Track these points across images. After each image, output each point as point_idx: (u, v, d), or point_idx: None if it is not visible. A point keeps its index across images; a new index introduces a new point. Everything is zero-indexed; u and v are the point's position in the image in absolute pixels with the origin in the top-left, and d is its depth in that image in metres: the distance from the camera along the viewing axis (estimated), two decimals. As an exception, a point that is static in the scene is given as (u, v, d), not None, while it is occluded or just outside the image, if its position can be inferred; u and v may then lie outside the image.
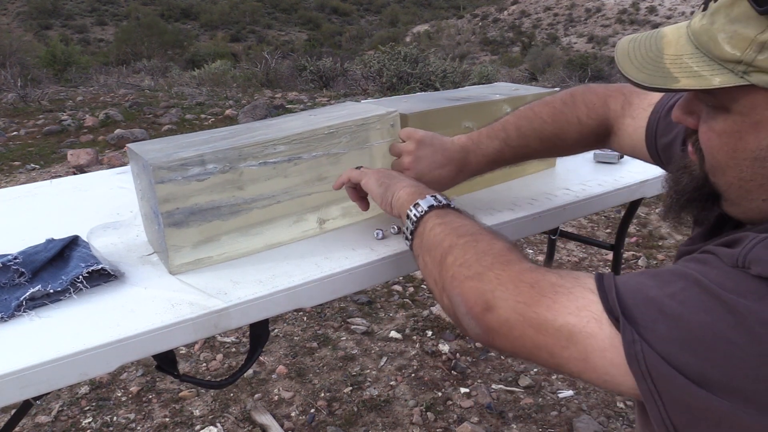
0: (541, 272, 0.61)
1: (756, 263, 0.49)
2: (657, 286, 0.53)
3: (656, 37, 0.61)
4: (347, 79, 11.74)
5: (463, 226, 0.72)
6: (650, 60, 0.59)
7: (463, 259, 0.67)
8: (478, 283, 0.63)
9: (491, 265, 0.64)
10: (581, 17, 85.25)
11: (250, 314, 0.82)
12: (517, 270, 0.63)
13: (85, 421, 2.01)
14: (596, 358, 0.55)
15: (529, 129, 0.96)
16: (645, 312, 0.52)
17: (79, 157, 5.20)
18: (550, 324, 0.57)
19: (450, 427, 1.98)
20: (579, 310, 0.56)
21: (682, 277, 0.53)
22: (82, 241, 0.92)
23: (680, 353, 0.49)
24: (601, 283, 0.57)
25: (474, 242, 0.68)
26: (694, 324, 0.49)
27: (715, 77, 0.53)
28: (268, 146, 0.91)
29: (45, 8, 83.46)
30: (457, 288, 0.65)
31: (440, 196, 0.79)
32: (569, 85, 11.70)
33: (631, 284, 0.55)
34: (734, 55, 0.52)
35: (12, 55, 12.41)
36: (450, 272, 0.67)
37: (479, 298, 0.62)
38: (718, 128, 0.57)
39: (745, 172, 0.56)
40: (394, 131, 1.05)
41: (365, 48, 45.68)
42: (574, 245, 3.30)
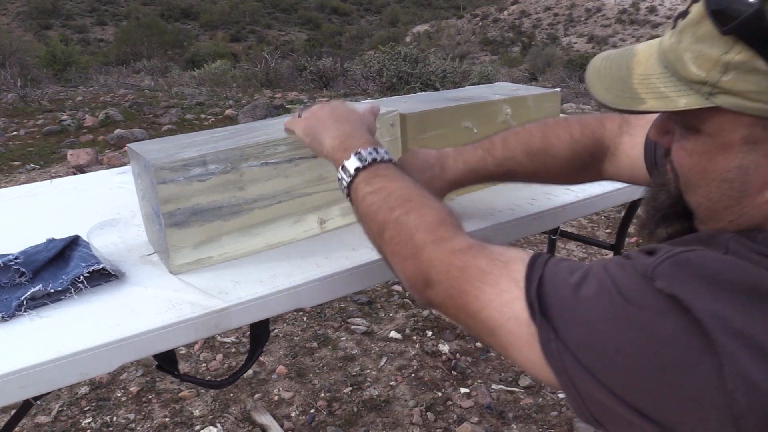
0: (472, 254, 0.61)
1: (661, 278, 0.49)
2: (574, 287, 0.54)
3: (628, 56, 0.61)
4: (347, 79, 11.74)
5: (392, 194, 0.70)
6: (619, 80, 0.59)
7: (399, 237, 0.67)
8: (414, 263, 0.65)
9: (424, 243, 0.65)
10: (581, 17, 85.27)
11: (250, 314, 0.82)
12: (448, 250, 0.63)
13: (85, 421, 2.01)
14: (515, 353, 0.57)
15: (516, 142, 0.92)
16: (561, 312, 0.53)
17: (79, 157, 5.20)
18: (477, 314, 0.59)
19: (450, 427, 1.98)
20: (502, 306, 0.57)
21: (598, 281, 0.53)
22: (82, 241, 0.92)
23: (589, 357, 0.51)
24: (529, 276, 0.57)
25: (405, 215, 0.67)
26: (599, 332, 0.50)
27: (681, 99, 0.53)
28: (269, 147, 0.91)
29: (45, 8, 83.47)
30: (398, 265, 0.68)
31: (364, 151, 0.75)
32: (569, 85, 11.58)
33: (556, 280, 0.55)
34: (700, 76, 0.51)
35: (12, 55, 12.41)
36: (389, 248, 0.69)
37: (418, 277, 0.65)
38: (689, 148, 0.57)
39: (714, 192, 0.56)
40: (394, 130, 1.05)
41: (365, 48, 45.69)
42: (574, 245, 3.30)
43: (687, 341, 0.47)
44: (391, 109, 1.04)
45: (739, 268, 0.49)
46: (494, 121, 1.18)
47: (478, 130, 1.16)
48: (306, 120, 0.88)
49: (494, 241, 1.04)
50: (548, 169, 0.92)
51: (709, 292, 0.48)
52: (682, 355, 0.47)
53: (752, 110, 0.49)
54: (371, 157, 0.75)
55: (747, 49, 0.48)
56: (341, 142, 0.79)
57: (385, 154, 0.76)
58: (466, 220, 1.03)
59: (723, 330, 0.46)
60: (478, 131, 1.16)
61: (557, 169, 0.92)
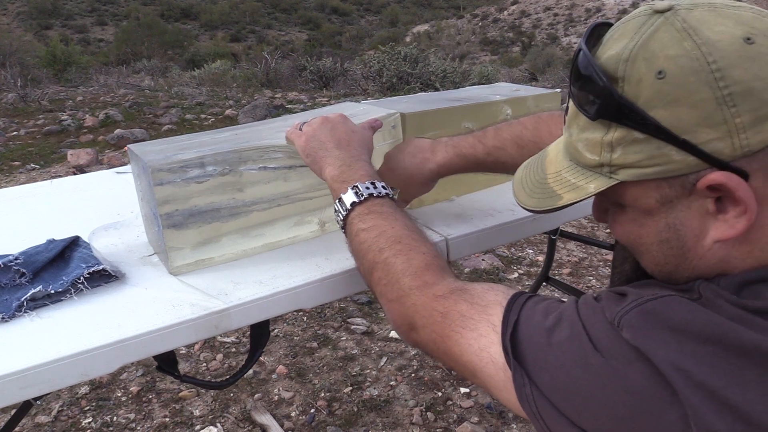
0: (453, 299, 0.63)
1: (627, 328, 0.50)
2: (548, 331, 0.55)
3: (541, 158, 0.64)
4: (347, 79, 11.73)
5: (383, 234, 0.72)
6: (537, 183, 0.62)
7: (386, 279, 0.69)
8: (400, 307, 0.67)
9: (408, 289, 0.67)
10: (581, 17, 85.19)
11: (250, 315, 0.82)
12: (431, 296, 0.65)
13: (85, 421, 2.01)
14: (495, 393, 0.59)
15: (508, 132, 0.92)
16: (535, 357, 0.54)
17: (79, 157, 5.20)
18: (458, 358, 0.61)
19: (450, 427, 1.99)
20: (480, 350, 0.59)
21: (570, 326, 0.54)
22: (82, 242, 0.92)
23: (561, 401, 0.52)
24: (505, 320, 0.58)
25: (394, 257, 0.69)
26: (571, 378, 0.51)
27: (590, 184, 0.55)
28: (267, 151, 0.91)
29: (45, 8, 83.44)
30: (385, 306, 0.70)
31: (362, 185, 0.76)
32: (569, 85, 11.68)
33: (530, 324, 0.57)
34: (595, 160, 0.54)
35: (12, 55, 12.40)
36: (378, 289, 0.71)
37: (403, 321, 0.67)
38: (621, 220, 0.59)
39: (657, 256, 0.57)
40: (395, 133, 1.05)
41: (365, 48, 45.67)
42: (574, 245, 3.30)
43: (652, 392, 0.47)
44: (392, 112, 1.04)
45: (705, 318, 0.49)
46: (495, 122, 1.18)
47: (477, 130, 1.16)
48: (306, 138, 0.86)
49: (494, 241, 1.05)
50: None
51: (674, 342, 0.48)
52: (649, 404, 0.47)
53: (651, 175, 0.51)
54: (368, 192, 0.76)
55: (619, 126, 0.51)
56: (340, 173, 0.80)
57: (383, 189, 0.77)
58: (466, 221, 1.04)
59: (686, 382, 0.46)
60: (477, 132, 1.16)
61: None
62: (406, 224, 0.74)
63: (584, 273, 3.01)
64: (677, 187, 0.51)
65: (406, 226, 0.73)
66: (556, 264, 3.03)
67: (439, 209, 1.07)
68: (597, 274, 3.00)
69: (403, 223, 0.74)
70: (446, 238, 0.98)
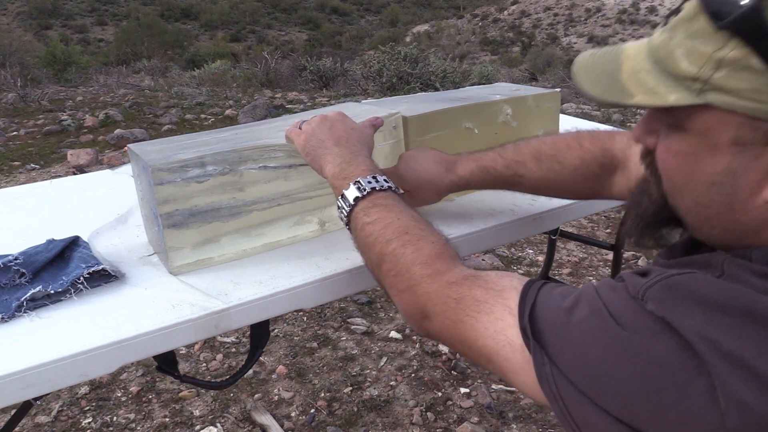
0: (467, 285, 0.63)
1: (651, 300, 0.49)
2: (566, 311, 0.54)
3: (616, 52, 0.60)
4: (347, 79, 11.73)
5: (390, 225, 0.71)
6: (607, 74, 0.58)
7: (396, 270, 0.69)
8: (411, 296, 0.67)
9: (420, 277, 0.66)
10: (581, 17, 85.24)
11: (250, 315, 0.82)
12: (444, 283, 0.64)
13: (85, 421, 2.01)
14: (512, 378, 0.58)
15: (527, 146, 0.94)
16: (554, 337, 0.54)
17: (79, 157, 5.20)
18: (473, 343, 0.60)
19: (450, 427, 1.98)
20: (497, 333, 0.58)
21: (589, 304, 0.53)
22: (82, 242, 0.92)
23: (583, 380, 0.51)
24: (522, 303, 0.57)
25: (402, 248, 0.69)
26: (592, 355, 0.50)
27: (670, 94, 0.51)
28: (267, 150, 0.91)
29: (45, 8, 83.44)
30: (396, 297, 0.69)
31: (363, 180, 0.76)
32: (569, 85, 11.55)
33: (548, 305, 0.56)
34: (691, 72, 0.50)
35: (12, 55, 12.40)
36: (387, 281, 0.71)
37: (415, 310, 0.67)
38: (675, 149, 0.55)
39: (702, 197, 0.54)
40: (396, 133, 1.05)
41: (365, 48, 45.68)
42: (574, 245, 3.30)
43: (679, 363, 0.47)
44: (393, 112, 1.04)
45: (731, 291, 0.48)
46: (495, 122, 1.18)
47: (479, 131, 1.16)
48: (305, 137, 0.86)
49: (494, 241, 1.05)
50: (555, 176, 0.92)
51: (701, 314, 0.47)
52: (674, 376, 0.47)
53: (743, 109, 0.48)
54: (370, 186, 0.75)
55: (742, 46, 0.47)
56: (341, 170, 0.79)
57: (385, 182, 0.76)
58: (466, 221, 1.04)
59: (713, 352, 0.45)
60: (479, 132, 1.16)
61: (564, 177, 0.91)
62: (413, 215, 0.73)
63: (584, 273, 3.01)
64: (760, 133, 0.48)
65: (412, 218, 0.72)
66: (556, 264, 3.03)
67: (439, 209, 1.07)
68: (597, 274, 2.99)
69: (410, 215, 0.73)
70: (446, 238, 0.98)
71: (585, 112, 7.72)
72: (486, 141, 1.18)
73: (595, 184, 0.91)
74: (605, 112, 7.80)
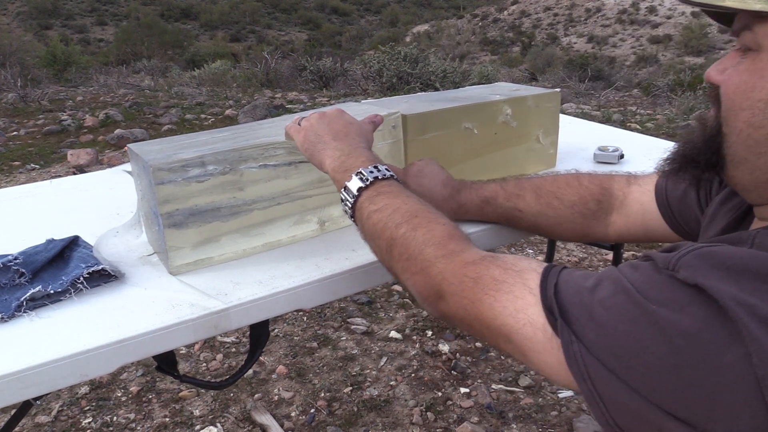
0: (485, 264, 0.62)
1: (684, 268, 0.49)
2: (590, 290, 0.53)
3: None
4: (347, 79, 11.73)
5: (397, 210, 0.70)
6: None
7: (408, 253, 0.67)
8: (425, 278, 0.66)
9: (434, 258, 0.65)
10: (581, 17, 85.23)
11: (250, 315, 0.82)
12: (460, 263, 0.63)
13: (85, 421, 2.01)
14: (533, 358, 0.57)
15: (527, 182, 0.96)
16: (579, 316, 0.53)
17: (79, 157, 5.20)
18: (491, 322, 0.59)
19: (450, 427, 1.98)
20: (517, 312, 0.57)
21: (613, 282, 0.53)
22: (82, 242, 0.92)
23: (610, 359, 0.50)
24: (544, 283, 0.57)
25: (413, 231, 0.68)
26: (618, 333, 0.50)
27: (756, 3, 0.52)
28: (268, 149, 0.91)
29: (45, 8, 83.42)
30: (409, 281, 0.68)
31: (365, 170, 0.75)
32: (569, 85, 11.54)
33: (571, 285, 0.55)
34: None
35: (12, 55, 12.39)
36: (399, 265, 0.69)
37: (430, 290, 0.65)
38: (742, 68, 0.56)
39: (757, 116, 0.54)
40: (396, 132, 1.05)
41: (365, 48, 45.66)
42: (574, 245, 3.30)
43: (711, 332, 0.45)
44: (393, 111, 1.04)
45: (764, 259, 0.48)
46: (495, 122, 1.18)
47: (478, 131, 1.16)
48: (304, 133, 0.86)
49: (494, 241, 1.05)
50: (553, 212, 0.93)
51: (734, 281, 0.46)
52: (705, 348, 0.45)
53: None
54: (372, 176, 0.75)
55: None
56: (341, 163, 0.79)
57: (387, 171, 0.76)
58: (466, 223, 1.03)
59: (750, 317, 0.44)
60: (478, 132, 1.16)
61: (561, 214, 0.92)
62: (419, 200, 0.72)
63: (584, 273, 3.01)
64: None
65: (419, 201, 0.72)
66: (556, 264, 3.03)
67: (439, 209, 1.07)
68: (597, 274, 3.00)
69: (416, 199, 0.72)
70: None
71: (585, 112, 7.72)
72: (485, 141, 1.18)
73: (591, 222, 0.92)
74: (605, 112, 7.80)
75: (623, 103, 10.37)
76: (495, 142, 1.20)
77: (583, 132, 1.67)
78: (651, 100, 11.03)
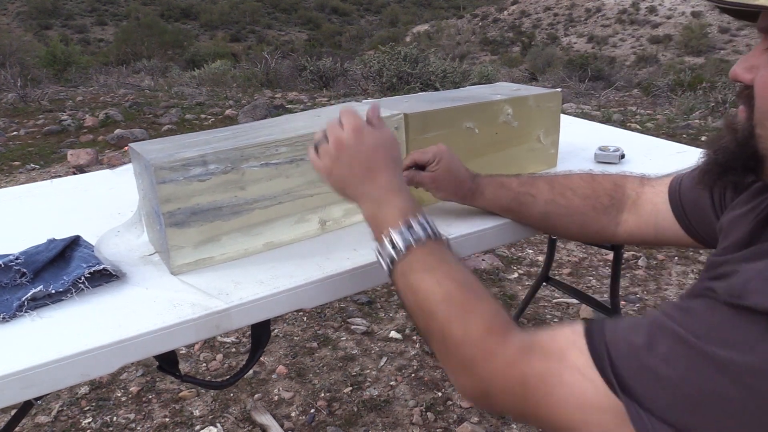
0: (526, 361, 0.57)
1: (754, 294, 0.46)
2: (646, 348, 0.50)
3: None
4: (347, 79, 11.72)
5: (431, 296, 0.65)
6: None
7: (445, 349, 0.64)
8: (469, 378, 0.62)
9: (474, 358, 0.61)
10: (581, 17, 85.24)
11: (251, 315, 0.82)
12: (501, 365, 0.59)
13: (85, 421, 2.01)
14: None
15: (540, 176, 0.99)
16: (642, 383, 0.50)
17: (79, 157, 5.20)
18: (548, 417, 0.56)
19: (450, 427, 1.98)
20: (577, 404, 0.53)
21: (668, 334, 0.50)
22: (83, 242, 0.92)
23: (686, 417, 0.47)
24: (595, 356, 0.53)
25: (448, 324, 0.63)
26: (690, 387, 0.47)
27: None
28: (270, 147, 0.91)
29: (45, 8, 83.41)
30: (452, 375, 0.64)
31: (396, 235, 0.69)
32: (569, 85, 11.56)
33: (622, 348, 0.52)
34: None
35: (12, 55, 12.39)
36: (438, 355, 0.66)
37: (476, 391, 0.62)
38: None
39: None
40: (398, 134, 1.05)
41: (365, 48, 45.67)
42: (574, 245, 3.30)
43: None
44: (395, 113, 1.04)
45: None
46: (496, 122, 1.18)
47: (479, 130, 1.16)
48: (327, 175, 0.79)
49: (494, 241, 1.05)
50: (566, 201, 0.93)
51: None
52: None
53: None
54: (405, 243, 0.68)
55: None
56: (374, 217, 0.73)
57: (420, 231, 0.69)
58: (466, 221, 1.03)
59: None
60: (479, 132, 1.16)
61: (574, 204, 0.92)
62: (455, 277, 0.66)
63: (584, 273, 3.01)
64: None
65: (454, 280, 0.65)
66: (556, 264, 3.03)
67: (439, 209, 1.07)
68: (597, 274, 2.99)
69: (452, 277, 0.66)
70: (446, 238, 0.98)
71: (585, 112, 7.72)
72: (486, 141, 1.18)
73: (602, 217, 0.91)
74: (605, 112, 7.80)
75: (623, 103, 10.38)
76: (496, 142, 1.20)
77: (584, 132, 1.67)
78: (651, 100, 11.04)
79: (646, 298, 2.76)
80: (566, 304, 2.70)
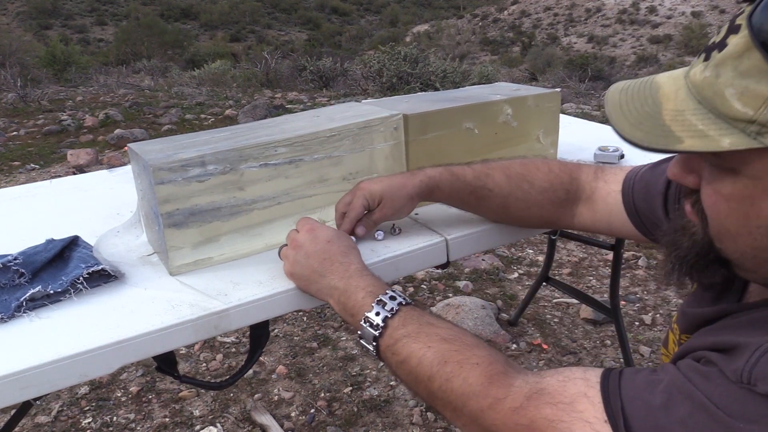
0: (534, 405, 0.57)
1: (763, 381, 0.45)
2: (663, 409, 0.49)
3: (651, 88, 0.55)
4: (347, 79, 11.73)
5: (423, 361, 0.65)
6: (647, 115, 0.53)
7: (450, 407, 0.63)
8: (478, 429, 0.61)
9: (480, 412, 0.60)
10: (581, 17, 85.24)
11: (250, 315, 0.82)
12: (508, 411, 0.58)
13: (85, 421, 2.01)
14: None
15: (495, 163, 0.93)
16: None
17: (79, 157, 5.20)
18: None
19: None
20: None
21: (687, 398, 0.48)
22: (82, 242, 0.92)
23: None
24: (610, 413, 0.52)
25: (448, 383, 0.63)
26: None
27: (724, 138, 0.47)
28: (269, 148, 0.91)
29: (45, 8, 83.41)
30: (463, 429, 0.64)
31: (371, 314, 0.70)
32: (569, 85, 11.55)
33: (638, 406, 0.51)
34: (746, 114, 0.45)
35: (12, 55, 12.40)
36: (446, 414, 0.65)
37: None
38: (726, 192, 0.51)
39: (760, 241, 0.50)
40: (397, 134, 1.05)
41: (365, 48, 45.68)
42: (574, 245, 3.30)
43: None
44: (395, 113, 1.04)
45: None
46: (495, 122, 1.18)
47: (479, 130, 1.16)
48: (291, 275, 0.83)
49: (494, 241, 1.05)
50: (523, 195, 0.91)
51: None
52: None
53: None
54: (381, 317, 0.69)
55: None
56: (343, 307, 0.75)
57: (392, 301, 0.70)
58: (466, 221, 1.03)
59: None
60: (479, 132, 1.16)
61: (532, 198, 0.90)
62: (441, 335, 0.66)
63: (584, 273, 3.01)
64: None
65: (442, 339, 0.66)
66: (556, 264, 3.03)
67: (439, 209, 1.07)
68: (597, 274, 2.99)
69: (438, 336, 0.66)
70: (446, 238, 0.98)
71: (585, 112, 7.72)
72: (486, 141, 1.18)
73: (558, 210, 0.91)
74: (605, 112, 7.78)
75: (623, 103, 10.34)
76: (495, 142, 1.20)
77: (583, 132, 1.66)
78: (651, 100, 11.00)
79: (646, 298, 2.76)
80: (566, 304, 2.70)
